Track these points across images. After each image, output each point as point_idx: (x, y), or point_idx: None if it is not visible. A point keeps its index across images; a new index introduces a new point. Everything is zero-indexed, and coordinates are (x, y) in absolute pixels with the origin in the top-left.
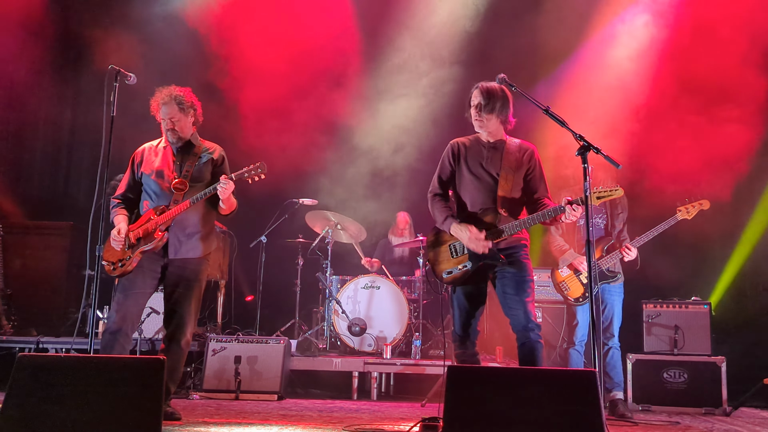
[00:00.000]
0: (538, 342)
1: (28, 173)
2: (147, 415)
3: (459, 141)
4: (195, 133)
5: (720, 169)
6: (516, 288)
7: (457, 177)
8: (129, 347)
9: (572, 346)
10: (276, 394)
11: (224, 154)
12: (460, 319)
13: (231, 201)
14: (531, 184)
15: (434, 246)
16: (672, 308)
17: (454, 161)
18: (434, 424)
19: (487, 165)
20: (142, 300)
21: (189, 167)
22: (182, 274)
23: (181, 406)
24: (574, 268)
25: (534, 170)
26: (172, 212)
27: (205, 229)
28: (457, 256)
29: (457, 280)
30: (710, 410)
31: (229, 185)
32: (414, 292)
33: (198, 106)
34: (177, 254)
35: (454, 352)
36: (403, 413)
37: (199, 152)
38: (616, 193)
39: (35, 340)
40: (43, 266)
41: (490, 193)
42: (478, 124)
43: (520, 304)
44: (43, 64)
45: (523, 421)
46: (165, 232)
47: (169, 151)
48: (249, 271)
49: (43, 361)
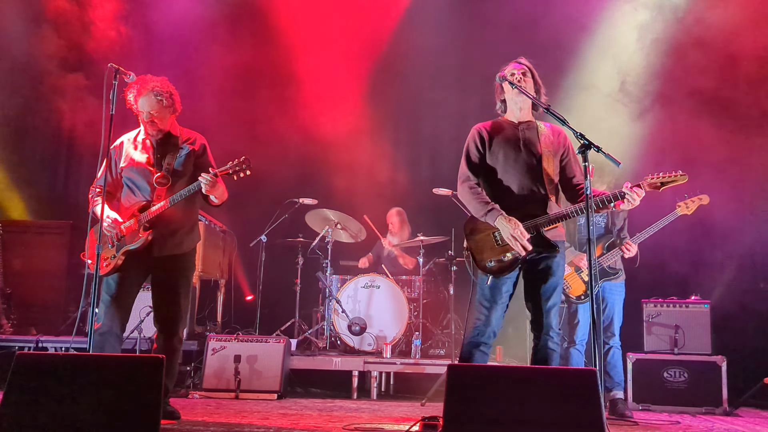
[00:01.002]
0: (554, 351)
1: (28, 172)
2: (146, 414)
3: (483, 126)
4: (174, 122)
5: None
6: (548, 290)
7: (492, 162)
8: (119, 347)
9: (573, 346)
10: (276, 393)
11: (206, 143)
12: (491, 310)
13: (220, 192)
14: (567, 168)
15: (473, 234)
16: (672, 307)
17: (481, 145)
18: (434, 423)
19: (526, 146)
20: (129, 299)
21: (170, 160)
22: (169, 272)
23: (180, 405)
24: (575, 266)
25: (569, 153)
26: (154, 210)
27: (189, 223)
28: (502, 245)
29: (504, 270)
30: (710, 410)
31: (211, 182)
32: (414, 291)
33: (176, 94)
34: (162, 252)
35: (472, 347)
36: (403, 412)
37: (179, 143)
38: (681, 178)
39: (35, 339)
40: (43, 265)
41: (535, 176)
42: (517, 97)
43: (548, 308)
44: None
45: (523, 420)
46: (149, 231)
47: (149, 143)
48: (249, 271)
49: (42, 359)
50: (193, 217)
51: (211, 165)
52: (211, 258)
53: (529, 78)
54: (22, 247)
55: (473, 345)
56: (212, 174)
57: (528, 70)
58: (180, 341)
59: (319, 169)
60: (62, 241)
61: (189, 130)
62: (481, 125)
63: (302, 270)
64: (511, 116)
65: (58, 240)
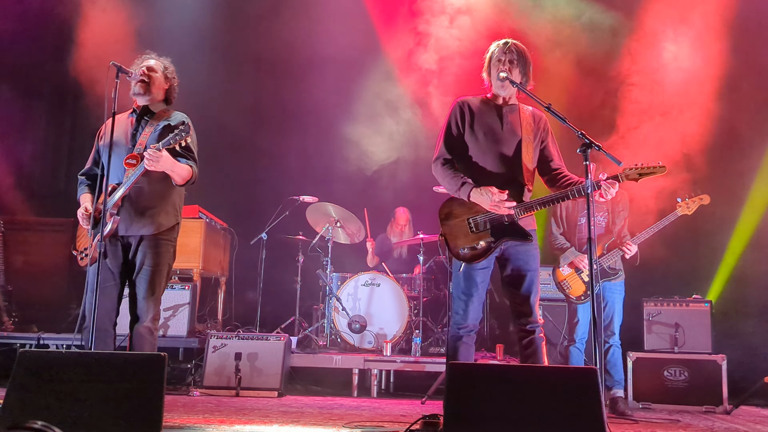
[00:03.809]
0: (542, 339)
1: (29, 169)
2: (148, 411)
3: (466, 100)
4: (164, 108)
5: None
6: (527, 279)
7: (469, 141)
8: (111, 342)
9: (573, 344)
10: (276, 391)
11: (187, 120)
12: (468, 302)
13: (175, 172)
14: (545, 152)
15: (448, 219)
16: (672, 306)
17: (462, 123)
18: (435, 422)
19: (507, 129)
20: (112, 291)
21: (143, 138)
22: (138, 254)
23: (181, 402)
24: (575, 267)
25: (548, 137)
26: (119, 197)
27: (160, 204)
28: (477, 232)
29: (477, 257)
30: (711, 408)
31: (154, 157)
32: (414, 289)
33: (176, 79)
34: (127, 231)
35: (456, 341)
36: (404, 410)
37: (158, 121)
38: (660, 170)
39: (36, 337)
40: (44, 262)
41: (513, 162)
42: (502, 85)
43: (532, 297)
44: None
45: (524, 418)
46: (115, 215)
47: (131, 120)
48: (249, 268)
49: (45, 357)
50: (168, 198)
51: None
52: (211, 255)
53: (516, 66)
54: (24, 245)
55: (455, 338)
56: (153, 148)
57: (520, 57)
58: (149, 330)
59: (319, 167)
60: (63, 239)
61: (179, 112)
62: (464, 99)
63: (302, 268)
64: (496, 97)
65: (59, 237)
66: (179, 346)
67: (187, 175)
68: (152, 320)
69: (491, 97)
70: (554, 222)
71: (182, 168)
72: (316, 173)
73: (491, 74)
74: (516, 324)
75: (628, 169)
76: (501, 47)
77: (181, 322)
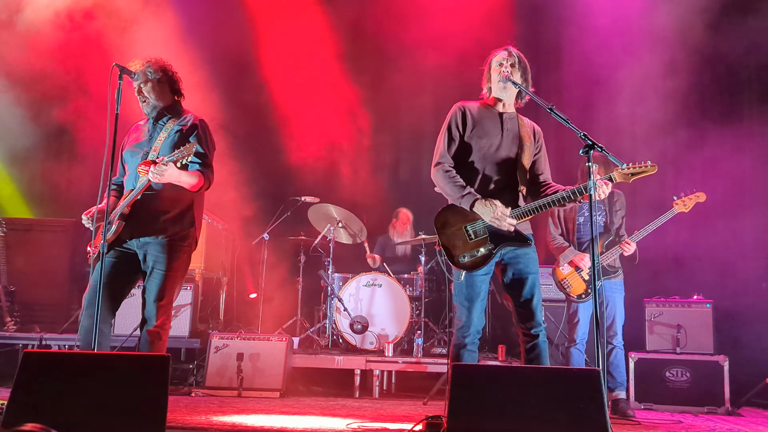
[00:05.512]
0: (546, 343)
1: (31, 169)
2: (152, 411)
3: (467, 105)
4: (177, 103)
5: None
6: (530, 283)
7: (467, 147)
8: (107, 343)
9: (573, 345)
10: (278, 391)
11: (200, 123)
12: (471, 309)
13: (182, 181)
14: (537, 164)
15: (444, 228)
16: (674, 307)
17: (462, 128)
18: (438, 423)
19: (507, 135)
20: (114, 292)
21: (157, 144)
22: (147, 258)
23: (183, 403)
24: (575, 266)
25: (542, 149)
26: (128, 204)
27: (174, 209)
28: (475, 239)
29: (478, 265)
30: (713, 409)
31: (158, 172)
32: (416, 289)
33: (175, 74)
34: (137, 235)
35: (459, 349)
36: (406, 411)
37: (172, 125)
38: (651, 169)
39: (38, 337)
40: (46, 263)
41: (512, 168)
42: (504, 87)
43: (534, 301)
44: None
45: (527, 420)
46: (120, 221)
47: (147, 126)
48: (251, 269)
49: (50, 357)
50: (181, 203)
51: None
52: (213, 256)
53: (517, 70)
54: (26, 245)
55: (459, 347)
56: (160, 162)
57: (520, 63)
58: (157, 335)
59: (319, 167)
60: (65, 239)
61: (192, 112)
62: (465, 104)
63: (304, 268)
64: (497, 103)
65: (61, 238)
66: (181, 347)
67: (197, 183)
68: (160, 325)
69: (492, 102)
70: (552, 222)
71: (190, 177)
72: (316, 173)
73: (491, 79)
74: (519, 328)
75: (620, 169)
76: (501, 53)
77: (183, 323)
